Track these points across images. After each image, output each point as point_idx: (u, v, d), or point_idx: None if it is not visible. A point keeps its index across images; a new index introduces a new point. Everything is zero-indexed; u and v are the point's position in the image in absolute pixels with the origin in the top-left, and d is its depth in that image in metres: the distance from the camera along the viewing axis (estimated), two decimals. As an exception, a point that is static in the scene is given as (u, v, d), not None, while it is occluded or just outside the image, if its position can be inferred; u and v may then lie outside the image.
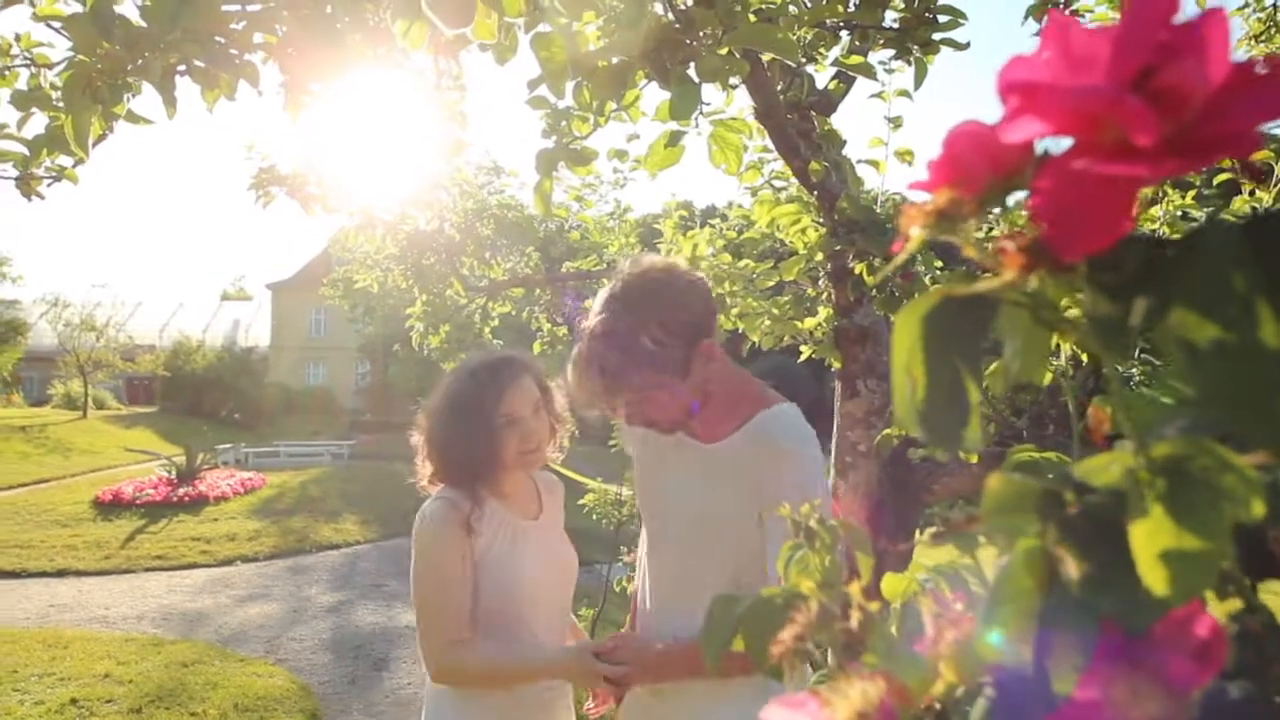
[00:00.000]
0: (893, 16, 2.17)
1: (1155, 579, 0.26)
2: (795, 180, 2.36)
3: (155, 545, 9.13)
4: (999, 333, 0.31)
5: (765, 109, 2.11)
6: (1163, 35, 0.26)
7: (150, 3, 1.49)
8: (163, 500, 11.10)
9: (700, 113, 1.61)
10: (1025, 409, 2.09)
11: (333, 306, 11.79)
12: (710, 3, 1.51)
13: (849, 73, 2.28)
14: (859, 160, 2.33)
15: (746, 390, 1.57)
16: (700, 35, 1.52)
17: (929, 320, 0.31)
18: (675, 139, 1.72)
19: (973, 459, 2.02)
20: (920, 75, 2.20)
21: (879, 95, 2.29)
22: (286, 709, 4.80)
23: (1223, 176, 1.88)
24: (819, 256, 2.36)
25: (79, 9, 1.58)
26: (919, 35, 2.12)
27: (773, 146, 2.30)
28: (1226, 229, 0.26)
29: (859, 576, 0.49)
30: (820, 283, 2.49)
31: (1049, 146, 0.29)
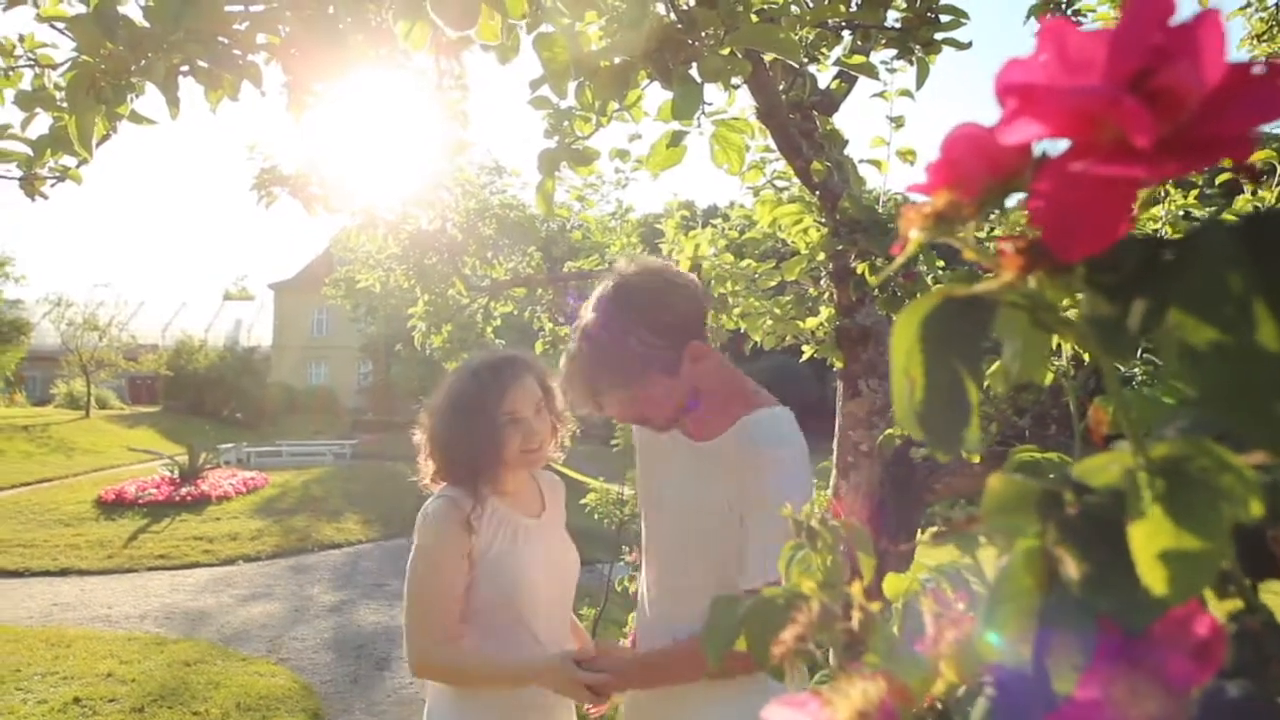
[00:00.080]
0: (895, 16, 2.17)
1: (1154, 579, 0.26)
2: (797, 180, 2.36)
3: (158, 544, 9.14)
4: (998, 334, 0.32)
5: (767, 109, 2.11)
6: (1159, 37, 0.26)
7: (153, 3, 1.49)
8: (165, 500, 11.12)
9: (702, 113, 1.61)
10: (1028, 409, 2.09)
11: (335, 306, 11.79)
12: (712, 3, 1.51)
13: (851, 72, 2.28)
14: (861, 160, 2.33)
15: (737, 391, 1.58)
16: (702, 35, 1.52)
17: (927, 322, 0.31)
18: (677, 139, 1.72)
19: (975, 459, 2.02)
20: (922, 75, 2.20)
21: (881, 95, 2.29)
22: (289, 708, 4.80)
23: (1224, 176, 1.88)
24: (821, 256, 2.36)
25: (83, 10, 1.59)
26: (921, 35, 2.12)
27: (775, 146, 2.30)
28: (1223, 230, 0.26)
29: (861, 576, 0.49)
30: (822, 282, 2.49)
31: (1047, 148, 0.29)
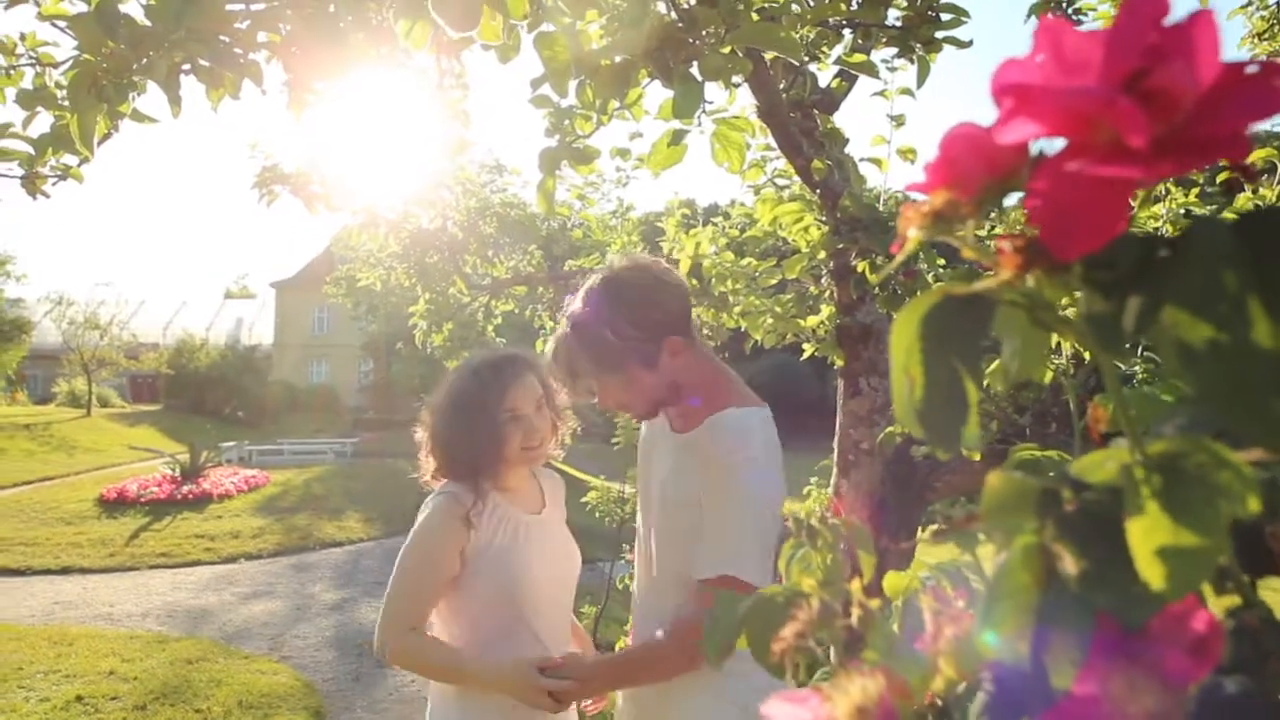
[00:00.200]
0: (895, 14, 2.17)
1: (1152, 574, 0.26)
2: (798, 178, 2.36)
3: (159, 543, 9.15)
4: (998, 332, 0.32)
5: (768, 107, 2.11)
6: (1154, 37, 0.26)
7: (155, 2, 1.49)
8: (167, 498, 11.12)
9: (703, 111, 1.61)
10: (1028, 407, 2.09)
11: (336, 305, 11.80)
12: (713, 1, 1.51)
13: (852, 71, 2.28)
14: (862, 158, 2.33)
15: (717, 387, 1.60)
16: (703, 34, 1.52)
17: (927, 320, 0.31)
18: (678, 137, 1.72)
19: (975, 457, 2.02)
20: (923, 73, 2.20)
21: (882, 93, 2.29)
22: (290, 706, 4.81)
23: (1225, 175, 1.88)
24: (821, 254, 2.36)
25: (84, 8, 1.58)
26: (922, 33, 2.12)
27: (775, 145, 2.31)
28: (1218, 228, 0.26)
29: (861, 574, 0.49)
30: (823, 281, 2.49)
31: (1044, 148, 0.30)
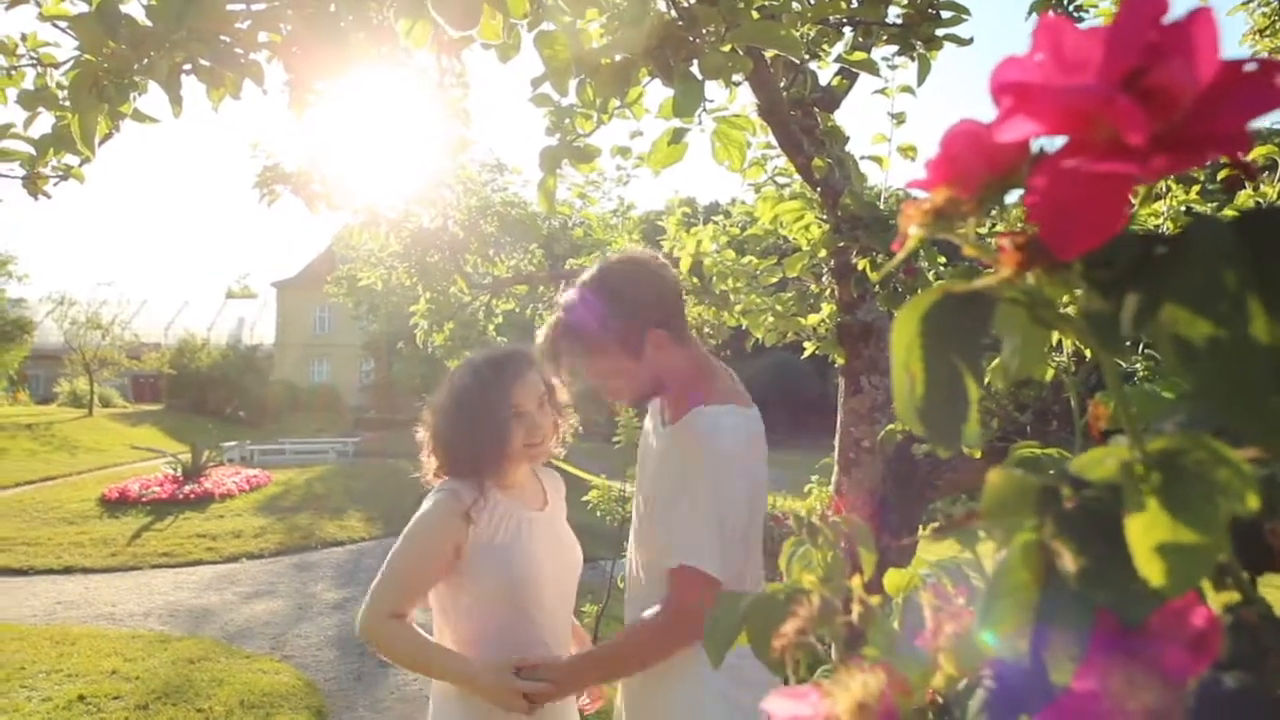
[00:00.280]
0: (896, 12, 2.17)
1: (1151, 571, 0.27)
2: (798, 177, 2.36)
3: (161, 542, 9.15)
4: (998, 329, 0.32)
5: (768, 105, 2.11)
6: (1153, 35, 0.26)
7: (156, 2, 1.49)
8: (168, 498, 11.12)
9: (703, 110, 1.61)
10: (1029, 404, 2.09)
11: (337, 304, 11.80)
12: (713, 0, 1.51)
13: (852, 69, 2.28)
14: (862, 156, 2.33)
15: (696, 383, 1.61)
16: (703, 32, 1.51)
17: (927, 318, 0.31)
18: (678, 136, 1.72)
19: (976, 454, 2.02)
20: (923, 71, 2.20)
21: (882, 91, 2.29)
22: (292, 705, 4.81)
23: (1226, 172, 1.88)
24: (822, 253, 2.36)
25: (85, 9, 1.58)
26: (922, 31, 2.12)
27: (776, 143, 2.31)
28: (1218, 226, 0.26)
29: (862, 571, 0.49)
30: (823, 279, 2.49)
31: (1044, 145, 0.30)
